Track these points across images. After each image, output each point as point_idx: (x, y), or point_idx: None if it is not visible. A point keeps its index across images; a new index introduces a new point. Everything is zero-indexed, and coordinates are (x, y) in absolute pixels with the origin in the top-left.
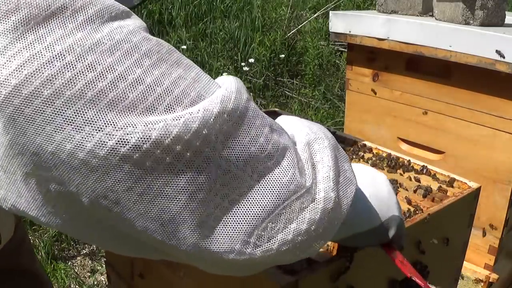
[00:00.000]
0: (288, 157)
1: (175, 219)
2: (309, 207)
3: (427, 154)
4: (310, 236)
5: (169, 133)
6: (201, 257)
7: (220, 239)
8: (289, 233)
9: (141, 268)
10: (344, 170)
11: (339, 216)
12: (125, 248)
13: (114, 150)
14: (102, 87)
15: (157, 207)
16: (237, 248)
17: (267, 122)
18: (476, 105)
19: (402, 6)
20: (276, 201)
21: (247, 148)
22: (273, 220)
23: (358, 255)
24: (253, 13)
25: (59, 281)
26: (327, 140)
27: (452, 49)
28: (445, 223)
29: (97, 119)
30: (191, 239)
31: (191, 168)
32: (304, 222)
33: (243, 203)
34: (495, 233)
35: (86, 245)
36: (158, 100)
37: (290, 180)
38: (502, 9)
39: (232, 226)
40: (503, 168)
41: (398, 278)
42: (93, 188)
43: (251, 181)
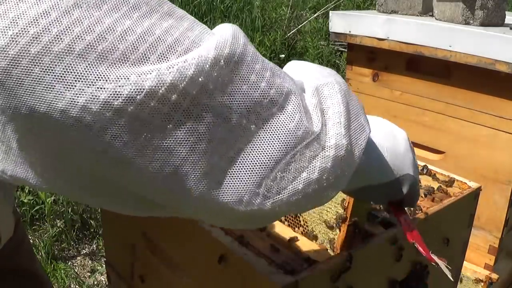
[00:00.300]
0: (293, 102)
1: (177, 171)
2: (319, 155)
3: (427, 154)
4: (322, 185)
5: (163, 82)
6: (209, 210)
7: (227, 190)
8: (300, 182)
9: (141, 268)
10: (356, 116)
11: (352, 164)
12: (131, 208)
13: (107, 103)
14: (90, 40)
15: (158, 160)
16: (245, 199)
17: (268, 66)
18: (476, 105)
19: (402, 6)
20: (283, 149)
21: (248, 94)
22: (282, 169)
23: (358, 255)
24: (253, 13)
25: (59, 281)
26: (337, 85)
27: (452, 49)
28: (445, 223)
29: (87, 74)
30: (196, 191)
31: (190, 118)
32: (315, 171)
33: (249, 152)
34: (495, 233)
35: (86, 245)
36: (150, 50)
37: (297, 125)
38: (502, 9)
39: (240, 176)
40: (503, 168)
41: (398, 278)
42: (91, 146)
43: (255, 128)
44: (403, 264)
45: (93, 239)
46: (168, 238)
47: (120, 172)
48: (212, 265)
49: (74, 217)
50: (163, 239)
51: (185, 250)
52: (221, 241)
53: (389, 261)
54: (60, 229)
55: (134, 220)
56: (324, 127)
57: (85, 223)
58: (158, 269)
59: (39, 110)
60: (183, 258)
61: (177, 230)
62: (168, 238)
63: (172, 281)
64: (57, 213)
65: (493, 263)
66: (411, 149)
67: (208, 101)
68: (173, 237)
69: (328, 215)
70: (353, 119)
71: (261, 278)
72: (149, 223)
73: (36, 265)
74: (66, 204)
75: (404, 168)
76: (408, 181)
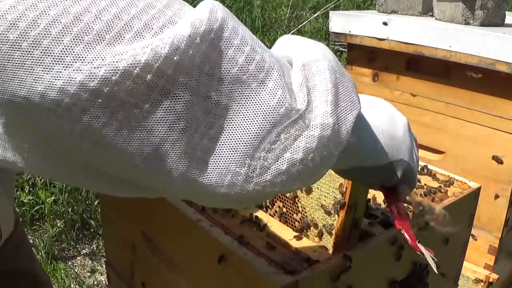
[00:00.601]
0: (274, 78)
1: (157, 151)
2: (304, 134)
3: (427, 154)
4: (307, 165)
5: (137, 63)
6: (192, 190)
7: (209, 170)
8: (283, 163)
9: (141, 268)
10: (345, 94)
11: (339, 144)
12: (118, 189)
13: (84, 85)
14: (66, 23)
15: (136, 140)
16: (228, 180)
17: (247, 41)
18: (476, 105)
19: (402, 6)
20: (265, 127)
21: (226, 71)
22: (266, 149)
23: (358, 255)
24: (253, 13)
25: (59, 281)
26: (326, 62)
27: (452, 49)
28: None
29: (64, 56)
30: (177, 172)
31: (167, 97)
32: (299, 151)
33: (230, 130)
34: (495, 233)
35: (86, 245)
36: (126, 28)
37: (279, 102)
38: (502, 9)
39: (222, 156)
40: (503, 168)
41: (398, 278)
42: (70, 129)
43: (235, 106)
44: (403, 264)
45: (93, 239)
46: (168, 238)
47: (101, 155)
48: (212, 265)
49: (74, 217)
50: (163, 239)
51: (185, 250)
52: (221, 241)
53: (389, 261)
54: (60, 229)
55: (134, 220)
56: (310, 105)
57: (85, 223)
58: (158, 269)
59: (20, 95)
60: (183, 258)
61: (177, 230)
62: (168, 238)
63: (172, 281)
64: (57, 213)
65: (493, 263)
66: (411, 136)
67: (185, 79)
68: (173, 237)
69: (326, 200)
70: (341, 97)
71: (261, 278)
72: (149, 223)
73: (36, 265)
74: (66, 204)
75: (400, 153)
76: (402, 167)
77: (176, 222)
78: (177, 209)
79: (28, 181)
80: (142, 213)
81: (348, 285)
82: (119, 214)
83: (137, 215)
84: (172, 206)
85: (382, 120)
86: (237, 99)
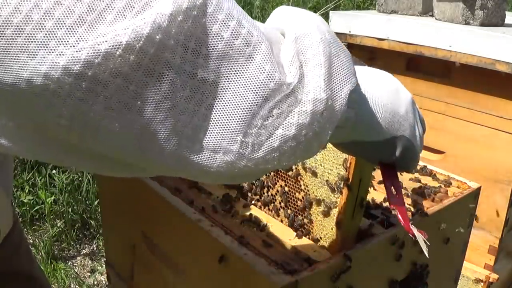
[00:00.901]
0: (262, 52)
1: (145, 131)
2: (296, 110)
3: (427, 154)
4: (300, 141)
5: (118, 44)
6: (184, 169)
7: (200, 148)
8: (276, 140)
9: (141, 268)
10: (340, 68)
11: (333, 119)
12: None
13: (67, 69)
14: (47, 8)
15: (124, 121)
16: (219, 158)
17: (233, 15)
18: (476, 105)
19: (402, 6)
20: (256, 102)
21: (212, 47)
22: (257, 125)
23: (358, 255)
24: (253, 13)
25: (59, 281)
26: (319, 34)
27: (452, 49)
28: (445, 223)
29: (47, 41)
30: (168, 151)
31: (151, 76)
32: (292, 127)
33: (219, 107)
34: (495, 233)
35: (86, 245)
36: (107, 9)
37: (268, 77)
38: (502, 9)
39: (212, 133)
40: (503, 168)
41: (398, 278)
42: (58, 113)
43: (223, 82)
44: (403, 264)
45: (93, 239)
46: (168, 238)
47: (91, 137)
48: (212, 265)
49: (74, 217)
50: (163, 239)
51: (185, 250)
52: (221, 241)
53: (389, 261)
54: (60, 229)
55: (134, 220)
56: (302, 80)
57: (85, 223)
58: (158, 269)
59: (7, 82)
60: (183, 258)
61: (177, 230)
62: (168, 238)
63: (172, 281)
64: (57, 213)
65: (493, 263)
66: (414, 113)
67: (169, 58)
68: (173, 237)
69: (330, 177)
70: (335, 71)
71: (261, 278)
72: (149, 223)
73: (35, 267)
74: (66, 204)
75: (400, 129)
76: (402, 143)
77: (176, 222)
78: (177, 209)
79: (28, 181)
80: (142, 213)
81: (348, 285)
82: (119, 214)
83: (137, 215)
84: (172, 206)
85: (385, 95)
86: (225, 75)
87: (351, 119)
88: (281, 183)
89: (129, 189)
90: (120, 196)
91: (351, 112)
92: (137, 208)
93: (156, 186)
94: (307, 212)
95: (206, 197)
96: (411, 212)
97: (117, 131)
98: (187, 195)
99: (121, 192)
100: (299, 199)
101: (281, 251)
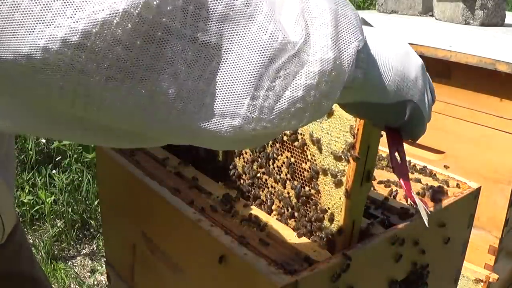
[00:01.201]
0: (264, 12)
1: (150, 100)
2: (303, 70)
3: (427, 154)
4: (308, 103)
5: (116, 12)
6: (192, 135)
7: (207, 114)
8: (284, 102)
9: (141, 268)
10: (347, 26)
11: (340, 79)
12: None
13: (66, 41)
14: None
15: (128, 91)
16: (226, 122)
17: None
18: (476, 105)
19: (402, 6)
20: (261, 63)
21: (212, 9)
22: (264, 87)
23: (358, 255)
24: None
25: (59, 281)
26: None
27: (452, 49)
28: (445, 223)
29: (44, 14)
30: (174, 118)
31: (151, 43)
32: (300, 88)
33: (224, 71)
34: (495, 233)
35: (86, 245)
36: None
37: (272, 37)
38: (502, 9)
39: (218, 97)
40: (503, 168)
41: (398, 278)
42: (60, 86)
43: (226, 44)
44: (403, 264)
45: (93, 239)
46: (168, 238)
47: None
48: (212, 265)
49: (74, 217)
50: (163, 239)
51: (185, 250)
52: (221, 241)
53: (389, 261)
54: (60, 229)
55: (134, 220)
56: (308, 40)
57: (85, 223)
58: (158, 269)
59: (8, 58)
60: (183, 258)
61: (177, 230)
62: (168, 238)
63: (172, 281)
64: (57, 213)
65: (493, 263)
66: (424, 79)
67: (169, 23)
68: (173, 237)
69: (337, 145)
70: (342, 30)
71: (261, 278)
72: (149, 223)
73: (36, 268)
74: (66, 204)
75: (409, 94)
76: (410, 109)
77: (176, 222)
78: (177, 209)
79: (28, 181)
80: (142, 213)
81: (348, 285)
82: (119, 214)
83: (137, 215)
84: (172, 206)
85: (395, 57)
86: (227, 37)
87: (359, 79)
88: (287, 154)
89: (129, 189)
90: (120, 196)
91: (359, 72)
92: (137, 208)
93: (156, 186)
94: (314, 182)
95: (206, 197)
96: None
97: (121, 101)
98: (187, 195)
99: (121, 192)
100: (306, 170)
101: (281, 251)
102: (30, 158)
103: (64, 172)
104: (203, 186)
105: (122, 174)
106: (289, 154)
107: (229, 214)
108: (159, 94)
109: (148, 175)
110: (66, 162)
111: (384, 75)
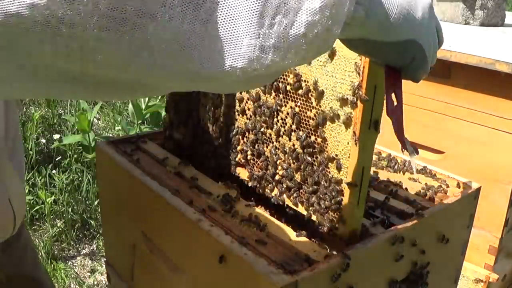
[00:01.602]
0: None
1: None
2: (304, 7)
3: (427, 154)
4: (310, 39)
5: None
6: (195, 80)
7: (207, 57)
8: (286, 40)
9: (141, 268)
10: None
11: (341, 16)
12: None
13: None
14: None
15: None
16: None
17: None
18: (476, 105)
19: None
20: (259, 1)
21: None
22: (264, 25)
23: (358, 255)
24: None
25: (59, 281)
26: None
27: (452, 49)
28: (445, 223)
29: None
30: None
31: None
32: (301, 25)
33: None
34: (495, 233)
35: (86, 245)
36: None
37: None
38: (502, 9)
39: (219, 38)
40: (503, 168)
41: (398, 278)
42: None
43: None
44: (403, 264)
45: (93, 239)
46: (168, 238)
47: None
48: (212, 265)
49: (74, 217)
50: (163, 239)
51: (185, 250)
52: (221, 241)
53: (389, 261)
54: (60, 229)
55: (134, 220)
56: None
57: (85, 223)
58: (158, 269)
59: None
60: (183, 258)
61: (177, 230)
62: (168, 238)
63: (172, 281)
64: (57, 213)
65: (493, 263)
66: (431, 19)
67: None
68: (173, 237)
69: (342, 87)
70: None
71: (261, 278)
72: (149, 223)
73: (40, 270)
74: (66, 204)
75: (413, 34)
76: (413, 49)
77: (176, 222)
78: (177, 209)
79: (28, 181)
80: (142, 213)
81: (348, 285)
82: (119, 214)
83: (137, 215)
84: (172, 206)
85: None
86: None
87: (360, 16)
88: (290, 104)
89: (129, 189)
90: (120, 196)
91: (360, 9)
92: (137, 208)
93: (156, 186)
94: (320, 130)
95: (206, 197)
96: (411, 212)
97: (116, 50)
98: (187, 195)
99: (121, 192)
100: (311, 118)
101: (281, 251)
102: (30, 158)
103: (64, 172)
104: (203, 186)
105: (122, 174)
106: (293, 103)
107: (229, 214)
108: (154, 39)
109: (148, 175)
110: (66, 162)
111: (388, 12)
